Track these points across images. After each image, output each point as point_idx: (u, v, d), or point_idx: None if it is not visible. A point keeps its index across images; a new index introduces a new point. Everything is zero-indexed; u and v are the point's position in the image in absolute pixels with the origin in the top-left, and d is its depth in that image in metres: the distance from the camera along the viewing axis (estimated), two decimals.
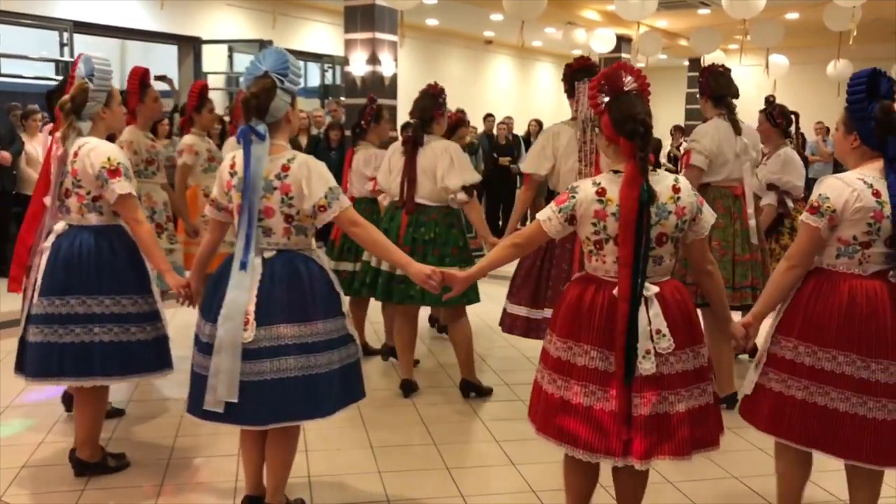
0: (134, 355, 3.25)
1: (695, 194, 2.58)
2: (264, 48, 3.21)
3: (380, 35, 10.15)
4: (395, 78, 10.41)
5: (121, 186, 3.15)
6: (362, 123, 5.24)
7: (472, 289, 4.31)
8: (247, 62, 2.89)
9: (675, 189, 2.52)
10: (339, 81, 13.03)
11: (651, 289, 2.50)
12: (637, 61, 13.77)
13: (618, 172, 2.52)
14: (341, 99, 11.38)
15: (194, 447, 3.78)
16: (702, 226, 2.59)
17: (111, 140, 3.48)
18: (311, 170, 2.77)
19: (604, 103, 2.52)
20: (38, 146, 7.97)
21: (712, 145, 4.26)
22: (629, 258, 2.43)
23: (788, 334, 2.73)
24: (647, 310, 2.48)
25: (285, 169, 2.76)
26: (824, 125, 11.54)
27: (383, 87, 10.16)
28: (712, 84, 4.40)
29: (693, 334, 2.57)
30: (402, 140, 4.52)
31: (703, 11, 13.23)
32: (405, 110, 4.62)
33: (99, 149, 3.18)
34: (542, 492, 3.35)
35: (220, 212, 2.93)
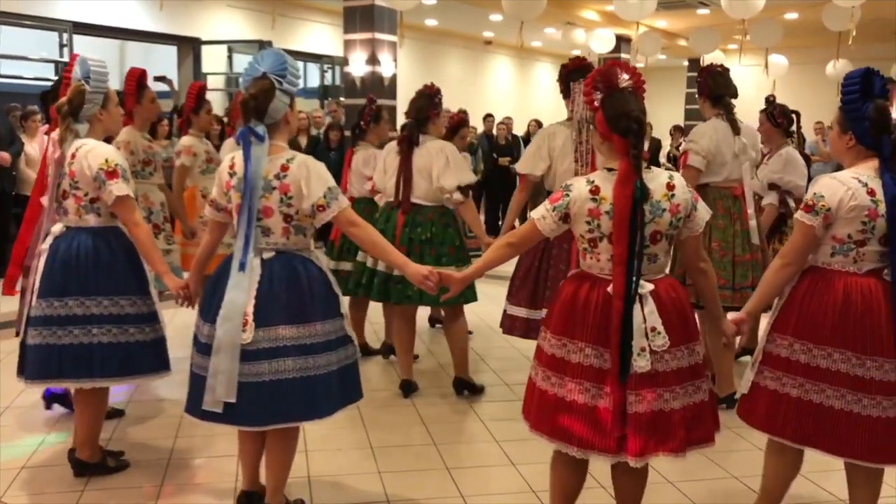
0: (133, 356, 3.25)
1: (689, 191, 2.57)
2: (264, 49, 3.21)
3: (379, 35, 10.15)
4: (394, 78, 10.41)
5: (118, 188, 3.14)
6: (361, 124, 5.25)
7: (469, 288, 4.34)
8: (246, 63, 2.89)
9: (670, 186, 2.52)
10: (338, 82, 13.03)
11: (646, 286, 2.50)
12: (636, 61, 13.77)
13: (612, 170, 2.51)
14: (341, 99, 11.38)
15: (194, 447, 3.78)
16: (696, 223, 2.59)
17: (108, 142, 3.48)
18: (310, 170, 2.78)
19: (598, 100, 2.51)
20: (37, 147, 7.95)
21: (710, 146, 4.26)
22: (623, 256, 2.43)
23: (784, 332, 2.75)
24: (642, 307, 2.48)
25: (284, 169, 2.77)
26: (824, 125, 11.54)
27: (383, 87, 10.16)
28: (710, 84, 4.40)
29: (688, 331, 2.57)
30: (398, 140, 4.53)
31: (703, 11, 13.24)
32: (405, 111, 4.63)
33: (96, 150, 3.18)
34: (541, 492, 3.34)
35: (219, 212, 2.94)
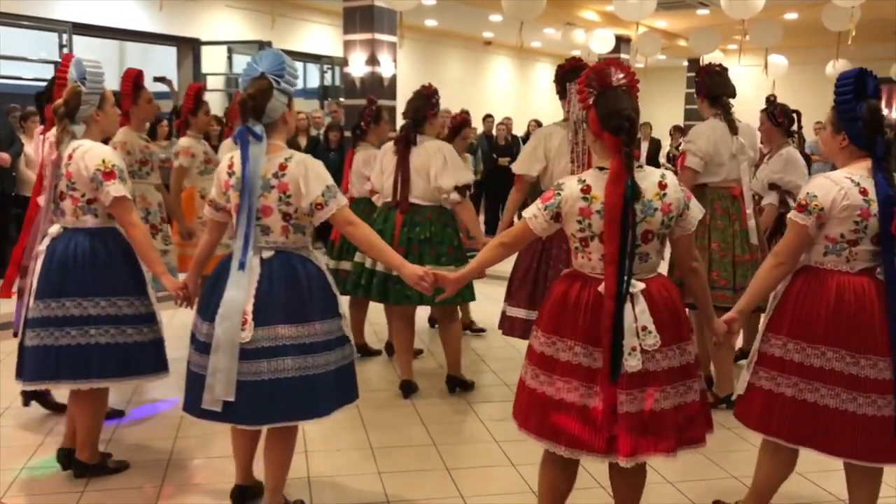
0: (130, 357, 3.24)
1: (682, 190, 2.56)
2: (263, 49, 3.21)
3: (379, 36, 10.14)
4: (394, 79, 10.40)
5: (115, 189, 3.14)
6: (362, 125, 5.27)
7: (466, 288, 4.41)
8: (246, 63, 2.90)
9: (662, 185, 2.51)
10: (338, 82, 13.02)
11: (637, 285, 2.49)
12: (636, 62, 13.77)
13: (603, 169, 2.50)
14: (341, 100, 11.37)
15: (194, 448, 3.78)
16: (689, 221, 2.58)
17: (105, 142, 3.48)
18: (309, 168, 2.79)
19: (591, 98, 2.51)
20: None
21: (708, 146, 4.26)
22: (615, 255, 2.42)
23: (778, 332, 2.76)
24: (633, 307, 2.47)
25: (283, 168, 2.78)
26: (823, 125, 11.54)
27: (382, 87, 10.16)
28: (708, 83, 4.40)
29: (680, 331, 2.56)
30: (395, 140, 4.54)
31: (702, 12, 13.23)
32: (402, 111, 4.64)
33: (93, 151, 3.17)
34: None
35: (218, 212, 2.95)
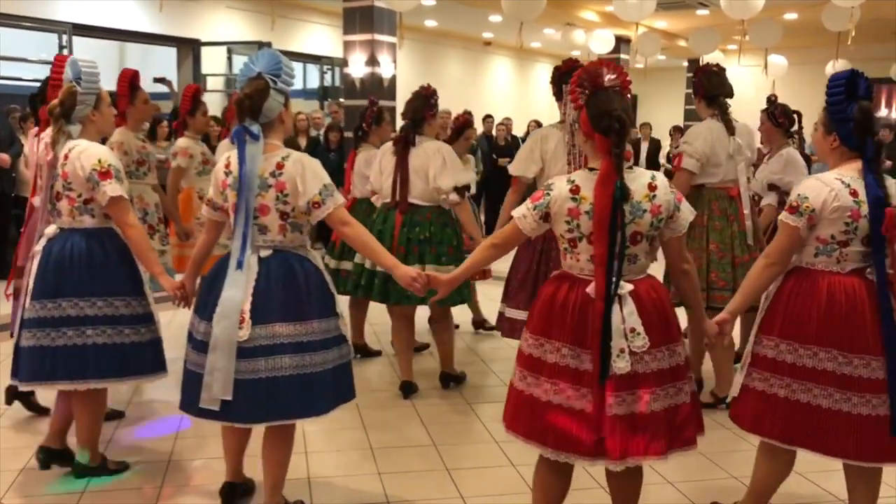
0: (128, 357, 3.24)
1: (672, 191, 2.55)
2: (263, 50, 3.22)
3: (379, 37, 10.15)
4: (394, 79, 10.41)
5: (112, 188, 3.13)
6: (364, 126, 5.29)
7: (465, 288, 4.47)
8: (242, 64, 2.91)
9: (651, 187, 2.50)
10: (338, 83, 13.02)
11: (625, 287, 2.48)
12: (636, 62, 13.77)
13: (593, 170, 2.50)
14: (341, 100, 11.38)
15: (194, 449, 3.77)
16: (679, 223, 2.56)
17: (102, 143, 3.48)
18: (306, 167, 2.80)
19: (583, 98, 2.50)
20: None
21: (705, 147, 4.26)
22: (604, 257, 2.41)
23: (770, 333, 2.77)
24: (622, 308, 2.46)
25: (280, 167, 2.79)
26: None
27: (382, 88, 10.16)
28: (705, 84, 4.40)
29: (669, 333, 2.54)
30: (393, 141, 4.55)
31: (702, 12, 13.23)
32: (402, 112, 4.65)
33: (89, 151, 3.16)
34: None
35: (216, 211, 2.96)
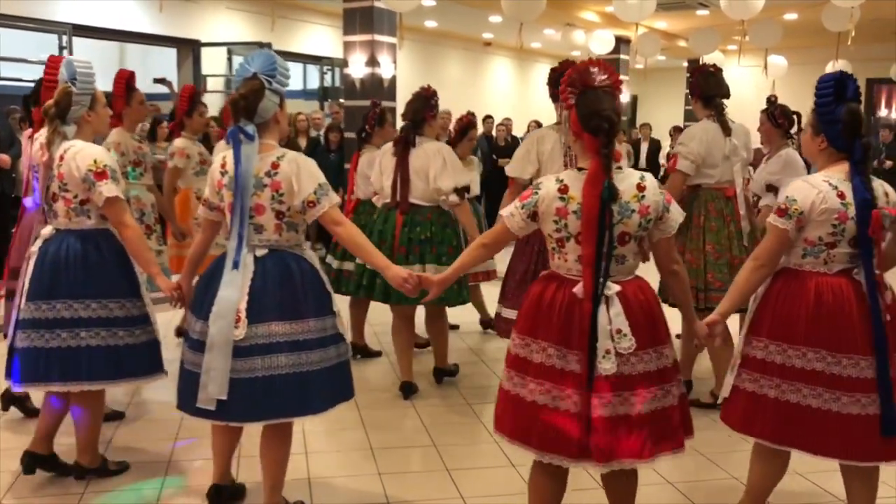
0: (122, 359, 3.22)
1: (662, 192, 2.54)
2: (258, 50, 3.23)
3: (379, 37, 10.14)
4: (394, 80, 10.40)
5: (108, 189, 3.12)
6: (367, 128, 5.30)
7: (465, 289, 4.51)
8: (238, 64, 2.91)
9: (640, 187, 2.49)
10: (338, 83, 13.02)
11: (612, 287, 2.46)
12: (636, 62, 13.77)
13: (582, 170, 2.49)
14: (341, 101, 11.37)
15: (194, 449, 3.78)
16: (669, 225, 2.56)
17: (98, 143, 3.48)
18: (301, 167, 2.81)
19: (573, 98, 2.50)
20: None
21: (700, 149, 4.27)
22: (592, 257, 2.41)
23: (759, 334, 2.78)
24: (608, 309, 2.45)
25: (275, 166, 2.79)
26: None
27: (382, 89, 10.15)
28: (702, 84, 4.41)
29: (656, 335, 2.53)
30: (394, 141, 4.56)
31: (702, 12, 13.22)
32: (402, 112, 4.66)
33: (85, 151, 3.15)
34: None
35: (212, 211, 2.97)
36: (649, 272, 2.72)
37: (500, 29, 14.94)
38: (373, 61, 10.15)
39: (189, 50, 11.95)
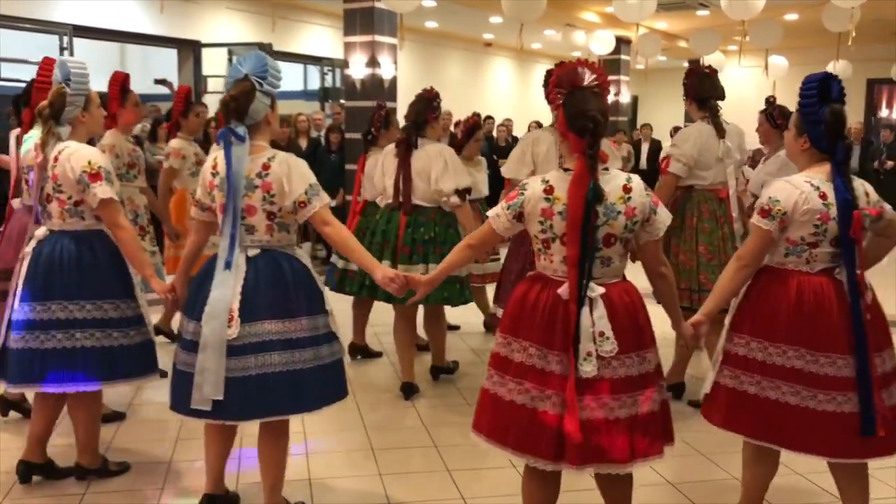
0: (116, 360, 3.22)
1: (649, 194, 2.53)
2: (263, 51, 3.23)
3: (379, 38, 10.14)
4: (394, 81, 10.40)
5: (102, 190, 3.12)
6: (372, 130, 5.31)
7: (467, 289, 4.52)
8: (230, 66, 2.92)
9: (626, 189, 2.48)
10: (338, 84, 13.02)
11: (596, 290, 2.44)
12: (636, 63, 13.76)
13: (568, 171, 2.48)
14: (342, 102, 11.38)
15: (195, 450, 3.77)
16: (656, 227, 2.54)
17: (92, 144, 3.47)
18: (292, 167, 2.82)
19: (561, 98, 2.49)
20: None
21: (693, 151, 4.27)
22: (576, 258, 2.39)
23: (740, 331, 2.79)
24: (592, 311, 2.43)
25: (266, 167, 2.81)
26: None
27: (383, 89, 10.15)
28: (696, 86, 4.41)
29: (640, 339, 2.51)
30: (395, 143, 4.57)
31: (703, 13, 13.22)
32: (404, 114, 4.67)
33: (79, 153, 3.15)
34: None
35: (204, 212, 2.98)
36: (637, 275, 2.71)
37: (500, 29, 14.95)
38: (373, 62, 10.15)
39: (190, 51, 11.95)
